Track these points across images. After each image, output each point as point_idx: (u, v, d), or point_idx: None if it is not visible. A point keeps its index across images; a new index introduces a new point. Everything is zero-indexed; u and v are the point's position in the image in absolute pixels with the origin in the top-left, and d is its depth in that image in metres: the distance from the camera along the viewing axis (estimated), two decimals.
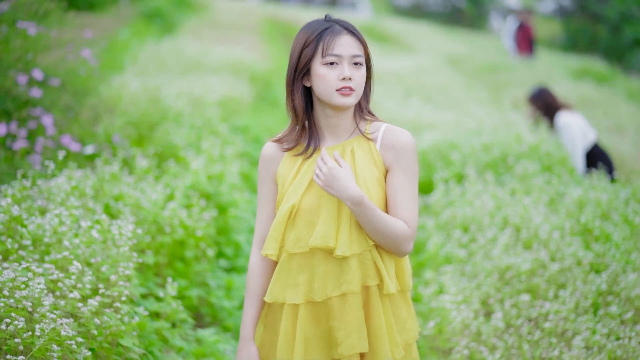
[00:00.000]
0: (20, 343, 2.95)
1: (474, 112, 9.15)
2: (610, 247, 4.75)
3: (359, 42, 2.66)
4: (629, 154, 8.86)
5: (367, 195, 2.62)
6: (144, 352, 3.57)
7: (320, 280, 2.64)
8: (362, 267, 2.65)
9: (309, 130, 2.74)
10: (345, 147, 2.70)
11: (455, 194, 5.96)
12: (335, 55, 2.63)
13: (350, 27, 2.67)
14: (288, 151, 2.76)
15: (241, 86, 10.11)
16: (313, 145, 2.72)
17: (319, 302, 2.66)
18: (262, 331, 2.78)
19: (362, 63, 2.66)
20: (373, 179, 2.66)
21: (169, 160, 5.92)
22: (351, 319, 2.64)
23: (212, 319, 4.79)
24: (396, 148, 2.67)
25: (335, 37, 2.64)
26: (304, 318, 2.66)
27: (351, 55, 2.63)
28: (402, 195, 2.64)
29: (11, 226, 3.72)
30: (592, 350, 3.81)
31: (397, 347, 2.67)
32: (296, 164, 2.73)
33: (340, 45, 2.63)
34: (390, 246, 2.63)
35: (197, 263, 4.87)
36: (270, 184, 2.78)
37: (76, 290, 3.27)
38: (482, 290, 4.45)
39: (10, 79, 6.03)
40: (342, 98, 2.63)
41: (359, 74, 2.65)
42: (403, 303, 2.74)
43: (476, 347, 3.98)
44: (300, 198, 2.67)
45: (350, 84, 2.62)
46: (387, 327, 2.68)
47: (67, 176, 4.45)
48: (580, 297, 4.23)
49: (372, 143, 2.70)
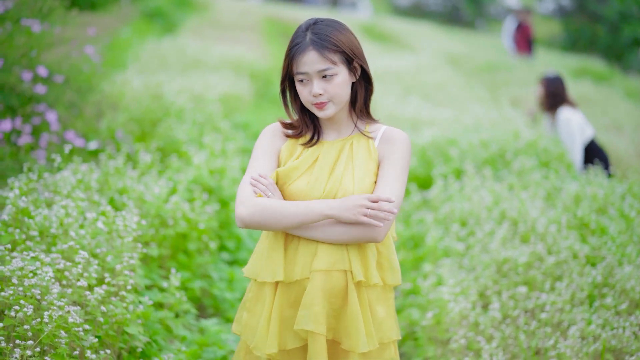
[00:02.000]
0: (29, 329, 3.02)
1: (473, 109, 9.23)
2: (606, 240, 4.83)
3: (325, 54, 2.69)
4: (626, 151, 8.94)
5: (361, 188, 2.72)
6: (148, 340, 3.65)
7: (293, 261, 2.74)
8: (334, 252, 2.72)
9: (313, 124, 2.85)
10: (345, 142, 2.82)
11: (453, 189, 6.04)
12: (302, 73, 2.72)
13: (317, 40, 2.71)
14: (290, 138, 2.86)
15: (241, 84, 10.20)
16: (316, 138, 2.84)
17: (294, 283, 2.75)
18: (246, 316, 2.85)
19: (335, 73, 2.71)
20: (368, 172, 2.76)
21: (172, 155, 6.00)
22: (317, 297, 2.70)
23: (215, 310, 4.88)
24: (390, 142, 2.80)
25: (300, 54, 2.72)
26: (280, 299, 2.75)
27: (317, 71, 2.70)
28: (382, 185, 2.73)
29: (18, 218, 3.80)
30: (587, 340, 3.88)
31: (371, 339, 2.73)
32: (297, 151, 2.84)
33: (304, 63, 2.71)
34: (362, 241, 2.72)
35: (200, 255, 4.96)
36: (272, 154, 2.84)
37: (83, 279, 3.35)
38: (480, 282, 4.52)
39: (14, 75, 6.10)
40: (319, 111, 2.76)
41: (331, 86, 2.71)
42: (383, 302, 2.81)
43: (474, 337, 4.06)
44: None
45: (322, 99, 2.72)
46: (363, 317, 2.74)
47: (72, 170, 4.54)
48: (576, 289, 4.30)
49: (370, 140, 2.82)
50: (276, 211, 2.68)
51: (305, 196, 2.74)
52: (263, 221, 2.69)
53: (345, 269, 2.73)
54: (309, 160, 2.80)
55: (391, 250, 2.84)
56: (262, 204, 2.69)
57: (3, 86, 6.03)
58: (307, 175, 2.78)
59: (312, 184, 2.75)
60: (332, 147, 2.81)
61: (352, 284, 2.73)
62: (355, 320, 2.72)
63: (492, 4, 34.27)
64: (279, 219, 2.68)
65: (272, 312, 2.76)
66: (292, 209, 2.68)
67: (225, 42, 14.33)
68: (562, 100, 7.52)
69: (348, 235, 2.69)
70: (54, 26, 6.56)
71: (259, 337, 2.75)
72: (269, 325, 2.75)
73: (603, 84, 16.03)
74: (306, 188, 2.75)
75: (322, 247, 2.72)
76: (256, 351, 2.75)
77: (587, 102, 12.22)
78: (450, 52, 18.15)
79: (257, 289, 2.83)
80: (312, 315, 2.70)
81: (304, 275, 2.73)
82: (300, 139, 2.86)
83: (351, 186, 2.72)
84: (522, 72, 14.75)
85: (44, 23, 6.45)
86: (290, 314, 2.76)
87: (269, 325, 2.75)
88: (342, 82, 2.73)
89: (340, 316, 2.75)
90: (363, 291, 2.76)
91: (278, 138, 2.87)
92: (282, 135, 2.88)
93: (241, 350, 2.89)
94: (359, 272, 2.73)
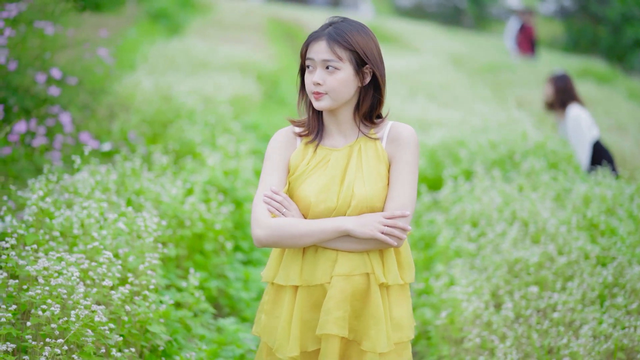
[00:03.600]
0: (56, 328, 3.08)
1: (479, 110, 9.29)
2: (616, 241, 4.90)
3: (334, 47, 2.72)
4: (630, 152, 9.00)
5: (372, 193, 2.74)
6: (169, 339, 3.72)
7: (314, 266, 2.77)
8: (355, 257, 2.76)
9: (318, 123, 2.87)
10: (352, 148, 2.83)
11: (463, 190, 6.10)
12: (309, 59, 2.77)
13: (332, 33, 2.74)
14: (301, 137, 2.88)
15: (249, 85, 10.27)
16: (318, 139, 2.86)
17: (314, 287, 2.77)
18: (265, 319, 2.88)
19: (338, 68, 2.73)
20: (379, 175, 2.78)
21: (185, 157, 6.07)
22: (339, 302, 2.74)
23: (231, 309, 4.95)
24: (398, 141, 2.80)
25: (313, 42, 2.77)
26: (300, 302, 2.78)
27: (321, 60, 2.74)
28: (394, 186, 2.76)
29: (39, 219, 3.87)
30: (599, 339, 3.95)
31: (389, 339, 2.76)
32: (307, 155, 2.85)
33: (314, 50, 2.76)
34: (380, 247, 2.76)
35: (216, 256, 5.03)
36: (284, 161, 2.86)
37: (107, 279, 3.41)
38: (492, 282, 4.58)
39: (29, 77, 6.16)
40: (315, 102, 2.78)
41: (331, 79, 2.73)
42: (402, 300, 2.84)
43: (487, 336, 4.12)
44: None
45: (319, 89, 2.75)
46: (385, 317, 2.76)
47: (90, 171, 4.60)
48: (587, 289, 4.37)
49: (378, 142, 2.83)
50: (292, 232, 2.71)
51: (318, 206, 2.76)
52: (280, 241, 2.73)
53: (367, 272, 2.76)
54: (319, 164, 2.81)
55: (407, 247, 2.88)
56: (277, 225, 2.72)
57: (17, 88, 6.09)
58: (317, 180, 2.79)
59: (325, 194, 2.76)
60: (341, 155, 2.82)
61: (375, 285, 2.76)
62: (378, 321, 2.74)
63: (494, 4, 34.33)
64: (296, 240, 2.72)
65: (292, 315, 2.79)
66: (307, 228, 2.71)
67: (230, 43, 14.40)
68: (572, 98, 7.54)
69: (366, 245, 2.74)
70: (66, 28, 6.62)
71: (280, 340, 2.79)
72: (290, 329, 2.78)
73: (605, 85, 16.09)
74: (318, 199, 2.76)
75: (342, 252, 2.76)
76: (278, 354, 2.79)
77: (590, 103, 12.25)
78: (453, 53, 18.23)
79: (275, 292, 2.87)
80: (334, 319, 2.73)
81: (325, 280, 2.76)
82: (309, 137, 2.87)
83: (363, 192, 2.74)
84: (525, 73, 14.82)
85: (56, 25, 6.51)
86: (311, 317, 2.79)
87: (289, 329, 2.79)
88: (343, 79, 2.74)
89: (361, 317, 2.77)
90: (384, 291, 2.79)
91: (287, 146, 2.88)
92: (291, 140, 2.89)
93: (262, 351, 2.93)
94: (380, 274, 2.76)
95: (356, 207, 2.74)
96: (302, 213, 2.78)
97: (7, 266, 3.36)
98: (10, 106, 5.90)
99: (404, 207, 2.74)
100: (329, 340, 2.75)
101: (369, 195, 2.74)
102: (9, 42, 5.92)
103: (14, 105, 5.94)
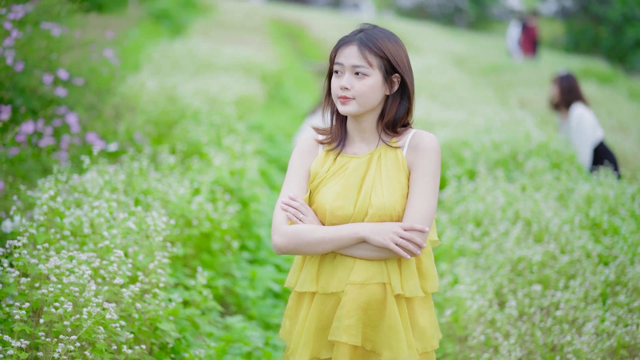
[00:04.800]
0: (69, 325, 3.14)
1: (483, 110, 9.34)
2: (618, 240, 4.95)
3: (365, 53, 2.72)
4: (632, 152, 9.05)
5: (390, 202, 2.72)
6: (179, 337, 3.78)
7: (331, 273, 2.77)
8: (371, 265, 2.74)
9: (341, 131, 2.87)
10: (372, 155, 2.81)
11: (467, 190, 6.16)
12: (338, 63, 2.76)
13: (364, 39, 2.74)
14: (324, 145, 2.89)
15: (253, 85, 10.33)
16: (342, 145, 2.85)
17: (330, 295, 2.77)
18: (288, 324, 2.91)
19: (367, 74, 2.72)
20: (398, 183, 2.75)
21: (192, 157, 6.13)
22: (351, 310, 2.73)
23: (237, 308, 5.01)
24: (418, 149, 2.78)
25: (344, 46, 2.76)
26: (315, 309, 2.79)
27: (351, 65, 2.73)
28: (413, 196, 2.74)
29: (49, 218, 3.93)
30: (602, 337, 4.00)
31: (412, 349, 2.74)
32: (328, 161, 2.84)
33: (343, 55, 2.75)
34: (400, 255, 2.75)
35: (223, 255, 5.08)
36: (305, 170, 2.86)
37: (118, 277, 3.47)
38: (496, 281, 4.64)
39: (35, 78, 6.21)
40: (341, 106, 2.76)
41: (360, 84, 2.73)
42: (424, 309, 2.82)
43: (491, 333, 4.17)
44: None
45: (347, 94, 2.74)
46: (403, 327, 2.74)
47: (99, 171, 4.66)
48: (590, 287, 4.42)
49: (398, 150, 2.81)
50: (309, 239, 2.72)
51: (334, 213, 2.75)
52: (298, 248, 2.75)
53: (384, 281, 2.74)
54: (338, 172, 2.81)
55: (430, 257, 2.84)
56: (295, 232, 2.73)
57: (24, 89, 6.13)
58: (334, 187, 2.78)
59: (342, 201, 2.75)
60: (360, 162, 2.80)
61: (392, 296, 2.74)
62: (396, 332, 2.72)
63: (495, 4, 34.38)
64: (313, 247, 2.73)
65: (306, 321, 2.81)
66: (324, 235, 2.72)
67: (233, 44, 14.46)
68: (577, 98, 7.58)
69: (381, 254, 2.73)
70: (73, 29, 6.67)
71: (294, 345, 2.82)
72: (302, 334, 2.81)
73: (606, 86, 16.14)
74: (334, 205, 2.75)
75: (359, 260, 2.74)
76: (292, 358, 2.82)
77: (592, 103, 12.29)
78: (455, 53, 18.29)
79: (297, 298, 2.89)
80: (345, 327, 2.73)
81: (340, 288, 2.75)
82: (331, 145, 2.87)
83: (381, 201, 2.72)
84: (527, 73, 14.88)
85: (63, 26, 6.56)
86: (325, 324, 2.79)
87: (302, 334, 2.81)
88: (372, 85, 2.73)
89: (379, 327, 2.75)
90: (402, 302, 2.76)
91: (309, 154, 2.88)
92: (312, 149, 2.89)
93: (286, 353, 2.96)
94: (397, 285, 2.73)
95: (374, 215, 2.72)
96: (320, 220, 2.78)
97: (18, 265, 3.42)
98: (18, 107, 5.95)
99: (422, 218, 2.70)
100: (340, 348, 2.75)
101: (387, 204, 2.72)
102: (16, 44, 5.96)
103: (21, 106, 5.99)
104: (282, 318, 3.04)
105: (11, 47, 5.90)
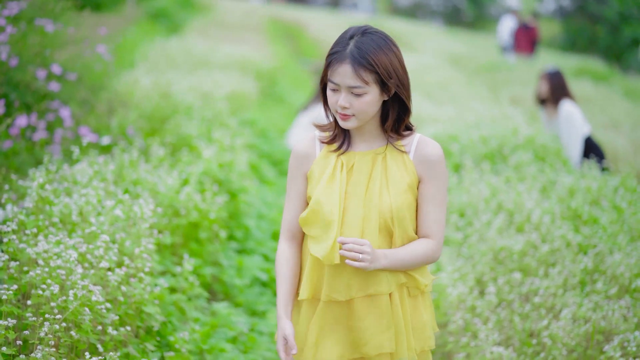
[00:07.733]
0: (55, 307, 3.24)
1: (474, 107, 9.44)
2: (598, 230, 5.05)
3: (360, 72, 2.67)
4: (623, 148, 9.15)
5: (398, 201, 2.74)
6: (164, 320, 3.88)
7: (345, 281, 2.76)
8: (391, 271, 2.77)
9: (342, 131, 2.84)
10: (377, 154, 2.81)
11: (452, 182, 6.26)
12: (334, 83, 2.71)
13: (356, 55, 2.68)
14: (325, 144, 2.86)
15: (248, 82, 10.43)
16: (345, 146, 2.84)
17: (335, 303, 2.78)
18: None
19: (364, 92, 2.69)
20: (404, 185, 2.76)
21: (182, 150, 6.24)
22: (378, 319, 2.76)
23: (225, 295, 5.12)
24: (428, 161, 2.79)
25: (336, 64, 2.70)
26: (318, 317, 2.80)
27: (347, 86, 2.69)
28: (431, 208, 2.78)
29: (39, 206, 4.04)
30: (579, 322, 4.08)
31: (411, 351, 2.79)
32: (331, 162, 2.82)
33: (338, 74, 2.70)
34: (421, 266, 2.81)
35: (210, 244, 5.19)
36: (301, 179, 2.86)
37: (104, 261, 3.57)
38: (477, 269, 4.72)
39: (29, 73, 6.30)
40: (342, 121, 2.75)
41: (358, 102, 2.69)
42: (426, 306, 2.87)
43: (470, 319, 4.25)
44: None
45: (347, 112, 2.72)
46: (406, 329, 2.79)
47: (89, 162, 4.77)
48: (569, 275, 4.50)
49: (405, 155, 2.80)
50: None
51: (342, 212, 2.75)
52: None
53: (391, 291, 2.77)
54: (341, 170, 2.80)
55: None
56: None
57: (18, 84, 6.23)
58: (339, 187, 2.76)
59: (349, 201, 2.75)
60: (364, 161, 2.80)
61: (404, 297, 2.80)
62: (400, 335, 2.78)
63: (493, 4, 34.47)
64: None
65: (309, 328, 2.82)
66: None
67: (230, 42, 14.57)
68: (565, 94, 7.69)
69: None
70: (66, 26, 6.77)
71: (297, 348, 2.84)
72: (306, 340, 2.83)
73: (602, 84, 16.22)
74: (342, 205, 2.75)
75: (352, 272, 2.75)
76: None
77: (586, 101, 12.39)
78: (452, 52, 18.38)
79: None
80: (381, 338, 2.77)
81: (347, 297, 2.76)
82: (333, 144, 2.85)
83: (388, 202, 2.74)
84: (523, 72, 14.97)
85: (56, 23, 6.67)
86: (328, 331, 2.80)
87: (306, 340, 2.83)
88: (370, 101, 2.71)
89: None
90: (406, 304, 2.81)
91: (304, 159, 2.87)
92: (309, 150, 2.87)
93: None
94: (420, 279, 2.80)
95: (381, 215, 2.74)
96: (325, 220, 2.73)
97: (8, 250, 3.52)
98: (12, 101, 6.05)
99: (435, 233, 2.78)
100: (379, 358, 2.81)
101: (394, 206, 2.74)
102: (10, 39, 6.07)
103: (15, 100, 6.09)
104: (269, 307, 3.10)
105: (6, 43, 6.01)
